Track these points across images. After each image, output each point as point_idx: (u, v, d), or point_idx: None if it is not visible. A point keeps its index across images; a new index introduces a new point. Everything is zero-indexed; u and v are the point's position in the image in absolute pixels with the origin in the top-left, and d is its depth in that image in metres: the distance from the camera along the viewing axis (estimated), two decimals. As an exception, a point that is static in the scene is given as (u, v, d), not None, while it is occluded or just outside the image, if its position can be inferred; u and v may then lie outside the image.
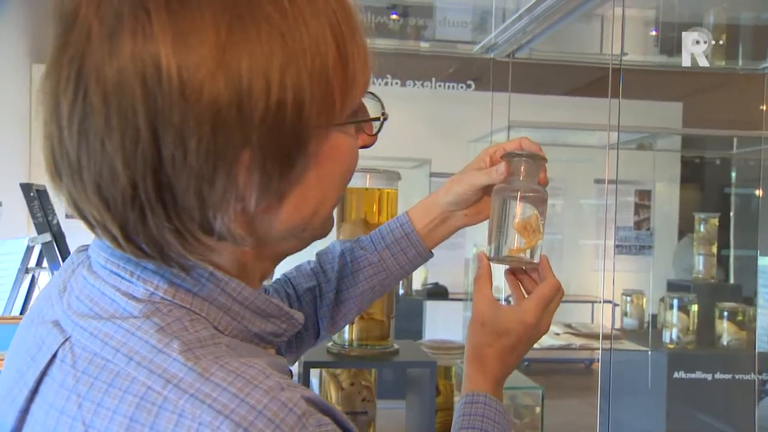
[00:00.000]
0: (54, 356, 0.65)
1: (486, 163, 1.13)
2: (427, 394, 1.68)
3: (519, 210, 1.08)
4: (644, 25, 4.25)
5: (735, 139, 5.22)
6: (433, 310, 6.31)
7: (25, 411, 0.65)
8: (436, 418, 1.77)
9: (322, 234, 0.76)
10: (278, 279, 1.24)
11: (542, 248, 1.10)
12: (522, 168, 1.09)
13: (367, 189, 1.67)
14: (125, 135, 0.58)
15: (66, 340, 0.65)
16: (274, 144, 0.61)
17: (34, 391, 0.65)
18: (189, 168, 0.59)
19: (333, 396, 1.81)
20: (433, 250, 1.22)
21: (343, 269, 1.20)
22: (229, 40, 0.58)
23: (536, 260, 1.09)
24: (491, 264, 1.10)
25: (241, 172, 0.61)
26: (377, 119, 0.75)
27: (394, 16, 4.96)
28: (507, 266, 1.11)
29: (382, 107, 0.76)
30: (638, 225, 6.87)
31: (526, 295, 1.10)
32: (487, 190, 1.14)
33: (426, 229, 1.20)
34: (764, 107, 3.39)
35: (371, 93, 0.75)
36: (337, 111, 0.67)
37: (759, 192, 4.20)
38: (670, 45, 3.99)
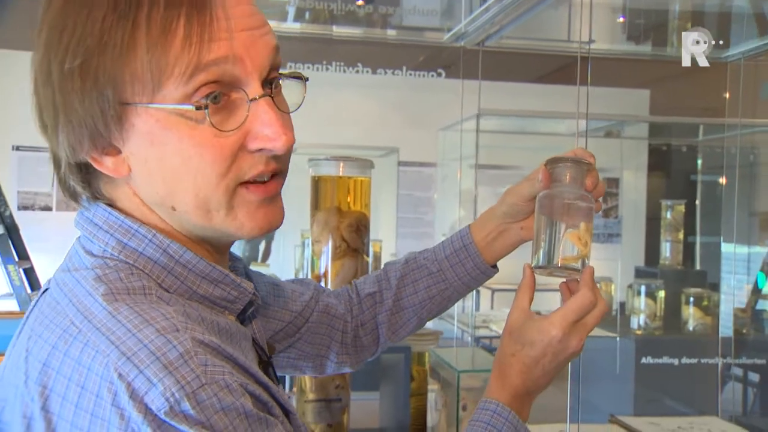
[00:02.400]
0: (36, 304, 0.80)
1: (539, 172, 1.09)
2: (402, 380, 1.68)
3: (563, 217, 1.04)
4: (612, 12, 4.26)
5: (701, 127, 5.27)
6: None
7: (13, 346, 0.79)
8: (410, 403, 1.78)
9: (213, 223, 0.79)
10: (346, 286, 1.26)
11: None
12: (565, 174, 1.07)
13: (340, 177, 1.67)
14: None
15: (45, 290, 0.80)
16: (75, 107, 0.72)
17: (21, 332, 0.79)
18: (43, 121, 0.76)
19: (307, 383, 1.80)
20: (408, 240, 1.23)
21: (405, 277, 1.21)
22: (60, 19, 0.72)
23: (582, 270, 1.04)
24: (536, 275, 1.06)
25: (65, 129, 0.74)
26: (200, 107, 0.73)
27: (359, 2, 4.91)
28: (553, 276, 1.07)
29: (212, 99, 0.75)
30: (606, 213, 6.91)
31: None
32: None
33: (484, 241, 1.18)
34: (727, 95, 3.43)
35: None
36: (154, 92, 0.72)
37: (722, 179, 4.25)
38: (638, 32, 4.00)
